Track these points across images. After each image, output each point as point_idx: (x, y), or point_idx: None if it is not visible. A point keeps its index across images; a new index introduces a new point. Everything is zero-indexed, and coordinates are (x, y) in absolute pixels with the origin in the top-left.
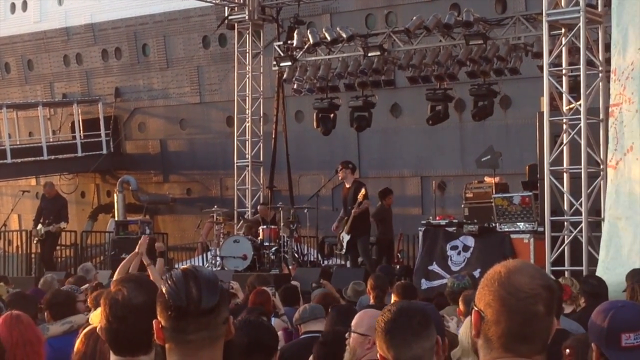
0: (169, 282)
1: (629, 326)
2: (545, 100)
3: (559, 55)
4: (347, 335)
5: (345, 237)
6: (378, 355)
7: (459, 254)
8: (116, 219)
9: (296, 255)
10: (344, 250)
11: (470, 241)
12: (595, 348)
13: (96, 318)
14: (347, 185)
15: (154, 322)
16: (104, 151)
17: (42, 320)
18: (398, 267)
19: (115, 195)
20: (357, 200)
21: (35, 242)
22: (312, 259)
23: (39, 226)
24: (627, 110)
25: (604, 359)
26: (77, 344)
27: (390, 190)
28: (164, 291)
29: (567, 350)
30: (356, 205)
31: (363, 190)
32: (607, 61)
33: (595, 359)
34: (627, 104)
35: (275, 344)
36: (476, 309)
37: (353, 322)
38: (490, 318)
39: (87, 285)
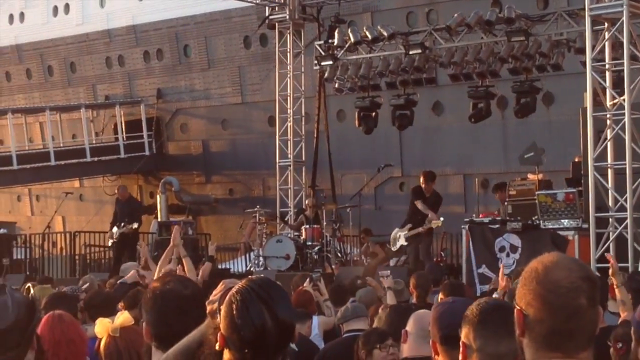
0: (239, 307)
1: None
2: (588, 96)
3: (602, 50)
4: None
5: (402, 240)
6: (460, 343)
7: (507, 255)
8: (159, 219)
9: (339, 254)
10: (395, 248)
11: (517, 240)
12: None
13: (100, 329)
14: (427, 195)
15: (218, 335)
16: (147, 152)
17: (83, 321)
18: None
19: (157, 196)
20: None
21: (110, 244)
22: (354, 258)
23: (114, 229)
24: None
25: None
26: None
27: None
28: (235, 319)
29: (619, 344)
30: (427, 223)
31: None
32: None
33: None
34: None
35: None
36: (518, 307)
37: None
38: (533, 317)
39: (86, 285)
